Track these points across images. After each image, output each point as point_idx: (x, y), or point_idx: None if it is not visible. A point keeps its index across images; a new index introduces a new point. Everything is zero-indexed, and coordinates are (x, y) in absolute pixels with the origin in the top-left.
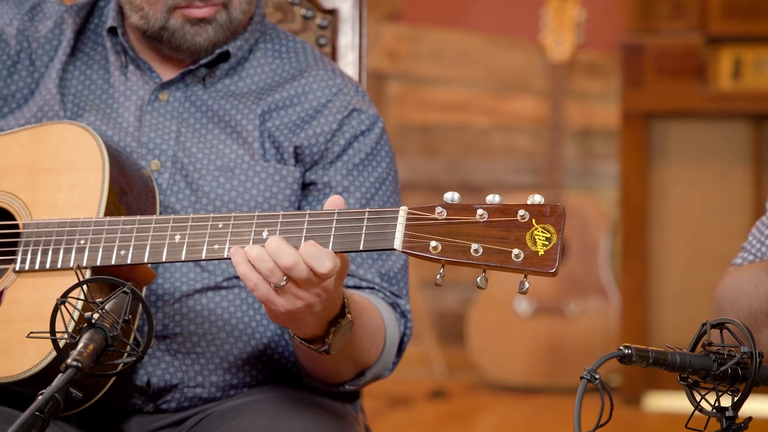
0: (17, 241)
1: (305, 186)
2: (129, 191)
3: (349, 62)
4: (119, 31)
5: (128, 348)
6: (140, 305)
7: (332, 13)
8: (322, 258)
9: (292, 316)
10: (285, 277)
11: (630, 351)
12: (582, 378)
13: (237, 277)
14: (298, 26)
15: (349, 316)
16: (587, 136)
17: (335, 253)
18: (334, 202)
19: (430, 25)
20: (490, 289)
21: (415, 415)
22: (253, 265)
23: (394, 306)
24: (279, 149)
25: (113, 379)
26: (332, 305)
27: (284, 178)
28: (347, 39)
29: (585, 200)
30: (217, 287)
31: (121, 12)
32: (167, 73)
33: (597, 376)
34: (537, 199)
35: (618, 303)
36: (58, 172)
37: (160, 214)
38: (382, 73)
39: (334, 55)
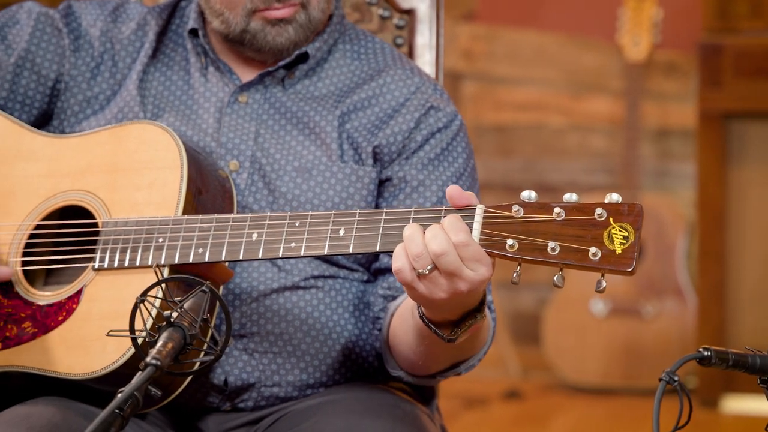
0: (96, 240)
1: (381, 183)
2: (205, 191)
3: (425, 62)
4: (200, 32)
5: (206, 347)
6: (218, 304)
7: (409, 13)
8: (461, 230)
9: (429, 300)
10: (431, 266)
11: (709, 353)
12: (661, 380)
13: (315, 277)
14: (375, 26)
15: (484, 311)
16: (664, 137)
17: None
18: (449, 193)
19: (505, 25)
20: (566, 289)
21: (490, 415)
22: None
23: None
24: (357, 150)
25: (190, 377)
26: (474, 299)
27: (361, 178)
28: (424, 39)
29: (661, 201)
30: (294, 287)
31: (202, 14)
32: (246, 75)
33: (676, 378)
34: (615, 197)
35: (695, 304)
36: (137, 171)
37: (238, 213)
38: (458, 73)
39: (411, 55)
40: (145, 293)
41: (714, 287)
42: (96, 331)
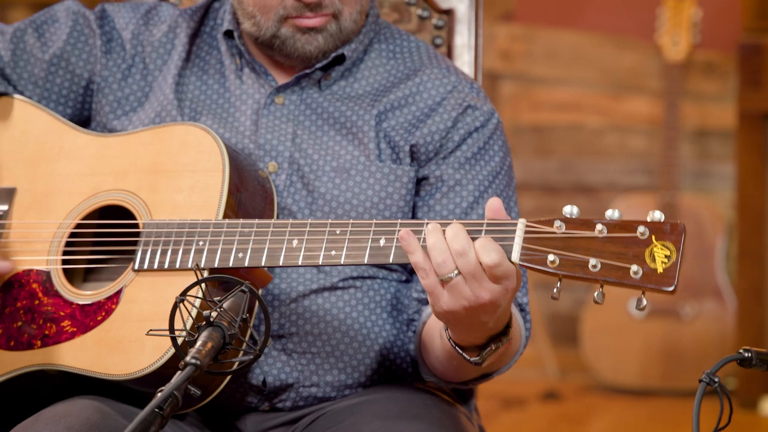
0: (137, 240)
1: (418, 181)
2: (245, 191)
3: (464, 62)
4: (235, 34)
5: (245, 346)
6: (257, 304)
7: (448, 13)
8: (490, 250)
9: (453, 315)
10: (455, 271)
11: (750, 354)
12: (701, 381)
13: (353, 278)
14: (414, 26)
15: (510, 335)
16: (703, 137)
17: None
18: (491, 205)
19: (544, 25)
20: (605, 290)
21: (528, 416)
22: (427, 254)
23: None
24: (395, 149)
25: (229, 377)
26: (499, 321)
27: (399, 177)
28: (463, 39)
29: (700, 202)
30: (333, 288)
31: (236, 16)
32: (282, 76)
33: (716, 380)
34: (657, 216)
35: (734, 305)
36: (178, 173)
37: (277, 215)
38: (496, 74)
39: (449, 55)
40: (184, 293)
41: (753, 288)
42: (135, 332)
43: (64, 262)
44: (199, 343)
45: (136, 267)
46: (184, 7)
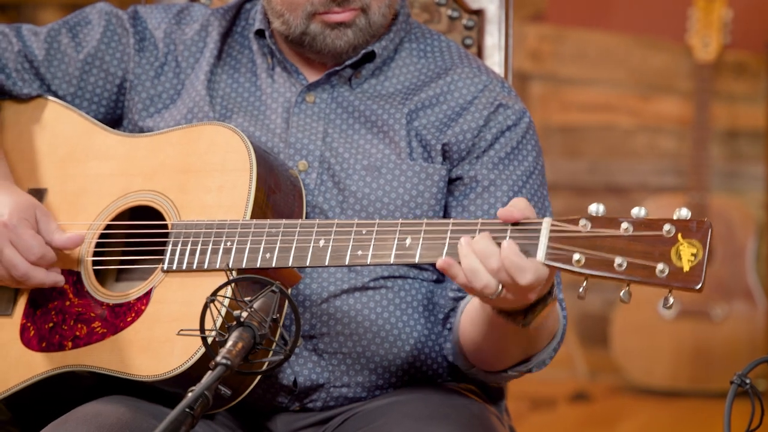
0: (166, 241)
1: (451, 181)
2: (277, 191)
3: (494, 62)
4: (267, 33)
5: (276, 347)
6: (288, 304)
7: (478, 13)
8: (524, 271)
9: (499, 303)
10: (500, 287)
11: None
12: (732, 383)
13: (384, 278)
14: (444, 27)
15: (554, 294)
16: (733, 138)
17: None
18: (516, 204)
19: (573, 26)
20: (634, 290)
21: (557, 416)
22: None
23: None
24: (426, 147)
25: (259, 377)
26: (543, 287)
27: (430, 176)
28: (493, 39)
29: (731, 202)
30: (364, 288)
31: (267, 15)
32: (313, 75)
33: (747, 381)
34: (683, 213)
35: (764, 306)
36: (207, 173)
37: (308, 213)
38: (525, 74)
39: (480, 56)
40: (215, 293)
41: None
42: (165, 332)
43: (95, 263)
44: (229, 343)
45: (165, 267)
46: (215, 7)
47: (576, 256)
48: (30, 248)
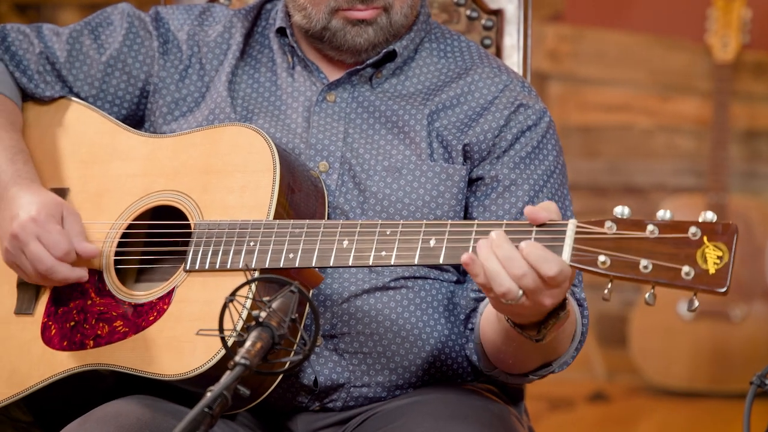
0: (188, 241)
1: (473, 182)
2: (298, 191)
3: (513, 63)
4: (288, 31)
5: (295, 346)
6: (307, 305)
7: (497, 13)
8: (549, 262)
9: (514, 310)
10: (520, 293)
11: None
12: (751, 383)
13: (405, 278)
14: (463, 27)
15: (568, 308)
16: (752, 138)
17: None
18: (546, 207)
19: (592, 26)
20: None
21: (576, 417)
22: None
23: (571, 292)
24: (447, 148)
25: (280, 377)
26: (557, 300)
27: (451, 176)
28: (512, 39)
29: (750, 203)
30: (385, 287)
31: (289, 14)
32: (333, 74)
33: (767, 382)
34: (709, 216)
35: None
36: (229, 173)
37: (329, 214)
38: (544, 74)
39: (498, 56)
40: (234, 293)
41: None
42: (186, 332)
43: (117, 262)
44: (248, 343)
45: (188, 267)
46: (236, 8)
47: (601, 258)
48: (56, 244)
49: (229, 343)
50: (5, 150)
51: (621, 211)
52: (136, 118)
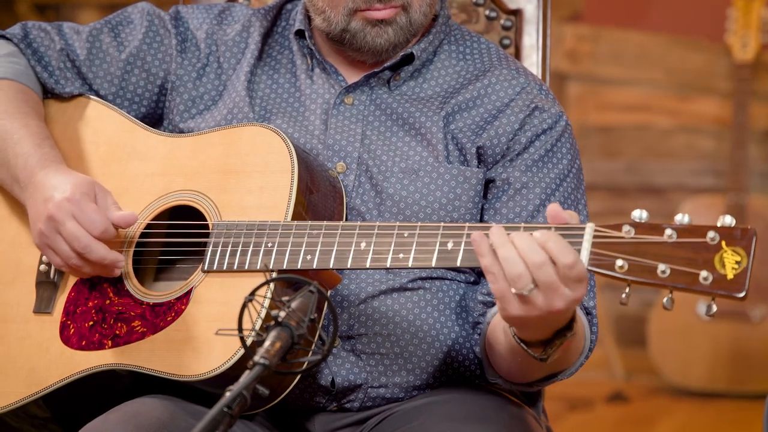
0: (207, 241)
1: (485, 184)
2: (316, 191)
3: (532, 63)
4: (307, 33)
5: (313, 346)
6: (326, 305)
7: (516, 13)
8: (567, 251)
9: (521, 321)
10: (531, 285)
11: None
12: None
13: (422, 279)
14: (482, 27)
15: (575, 330)
16: None
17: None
18: (550, 212)
19: (610, 26)
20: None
21: (595, 417)
22: (500, 264)
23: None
24: (462, 151)
25: (298, 377)
26: (564, 318)
27: (468, 179)
28: (531, 40)
29: None
30: (402, 288)
31: (308, 16)
32: (352, 76)
33: None
34: (728, 221)
35: None
36: (248, 174)
37: (347, 215)
38: (563, 74)
39: (517, 56)
40: (253, 292)
41: None
42: (204, 333)
43: (135, 261)
44: (267, 342)
45: (206, 268)
46: (256, 7)
47: (619, 263)
48: (93, 222)
49: (248, 342)
50: (32, 136)
51: (639, 214)
52: (155, 117)
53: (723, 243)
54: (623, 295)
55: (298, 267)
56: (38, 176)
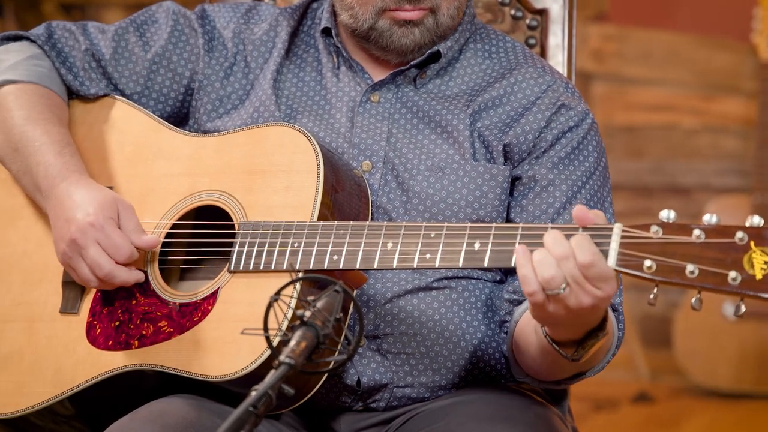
0: (233, 242)
1: (511, 181)
2: (341, 190)
3: (558, 62)
4: (333, 32)
5: (339, 346)
6: (351, 304)
7: (542, 13)
8: (585, 250)
9: (553, 319)
10: (564, 285)
11: None
12: None
13: (448, 278)
14: (507, 27)
15: (606, 329)
16: None
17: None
18: (595, 212)
19: (636, 26)
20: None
21: (620, 417)
22: (534, 269)
23: None
24: (488, 148)
25: (324, 377)
26: (596, 317)
27: (494, 177)
28: (557, 39)
29: None
30: (428, 288)
31: (334, 14)
32: (378, 74)
33: None
34: (756, 221)
35: None
36: (274, 174)
37: (373, 213)
38: (588, 74)
39: (543, 56)
40: (278, 292)
41: None
42: (231, 333)
43: (161, 261)
44: (293, 342)
45: (232, 268)
46: (282, 6)
47: (647, 263)
48: (118, 248)
49: (274, 342)
50: (53, 144)
51: (667, 215)
52: (180, 116)
53: (752, 243)
54: (651, 296)
55: (325, 267)
56: (59, 188)
